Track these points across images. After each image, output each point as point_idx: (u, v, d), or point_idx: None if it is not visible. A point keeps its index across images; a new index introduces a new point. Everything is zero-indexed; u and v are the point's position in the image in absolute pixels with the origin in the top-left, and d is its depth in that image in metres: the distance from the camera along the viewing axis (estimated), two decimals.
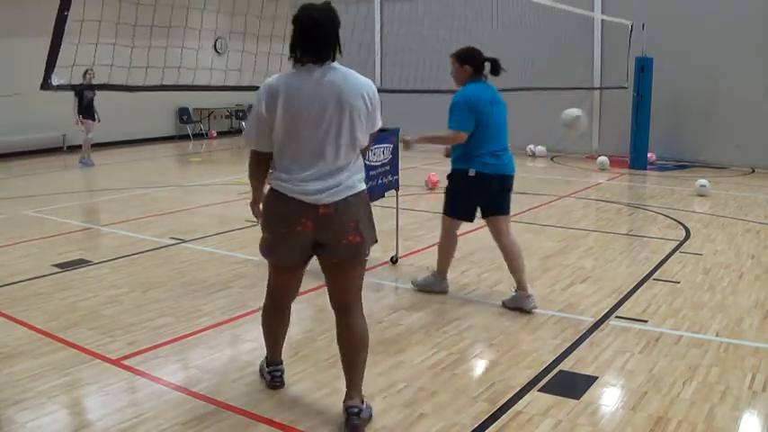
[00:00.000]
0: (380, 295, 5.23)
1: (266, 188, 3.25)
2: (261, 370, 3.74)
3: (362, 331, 3.26)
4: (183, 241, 6.87)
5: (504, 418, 3.33)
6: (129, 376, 3.79)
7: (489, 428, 3.24)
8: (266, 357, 3.69)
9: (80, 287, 5.38)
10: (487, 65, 4.86)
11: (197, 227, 7.50)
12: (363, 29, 14.19)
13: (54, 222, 7.79)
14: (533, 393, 3.58)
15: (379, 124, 3.24)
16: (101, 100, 12.72)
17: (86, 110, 12.70)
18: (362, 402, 3.23)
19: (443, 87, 9.94)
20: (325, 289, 3.32)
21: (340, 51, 3.10)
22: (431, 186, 9.90)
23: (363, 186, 3.21)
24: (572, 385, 3.69)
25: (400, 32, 9.60)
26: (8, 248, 6.61)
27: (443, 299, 5.09)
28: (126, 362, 3.96)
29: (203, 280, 5.55)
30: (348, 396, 3.24)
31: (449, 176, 4.97)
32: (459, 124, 4.72)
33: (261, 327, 3.62)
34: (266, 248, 3.26)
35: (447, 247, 5.14)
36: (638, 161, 12.25)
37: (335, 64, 3.09)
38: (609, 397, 3.57)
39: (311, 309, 4.81)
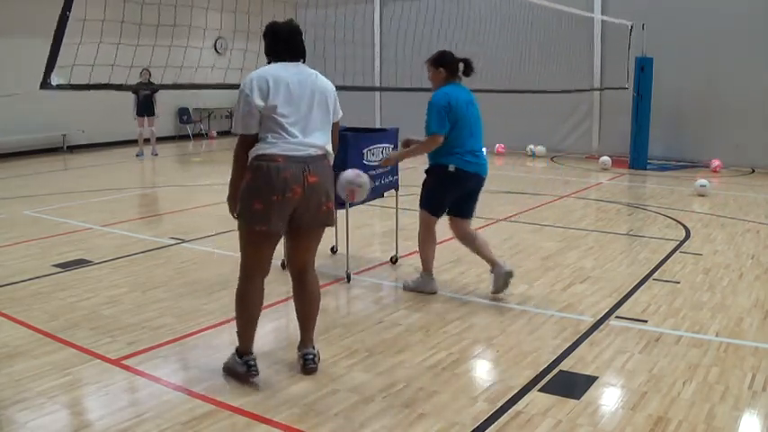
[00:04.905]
0: (380, 295, 5.21)
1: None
2: (231, 366, 3.71)
3: (317, 287, 3.76)
4: (183, 241, 6.87)
5: (504, 418, 3.33)
6: (129, 376, 3.79)
7: (489, 428, 3.24)
8: (237, 349, 3.69)
9: (80, 287, 5.38)
10: (461, 65, 4.93)
11: (197, 227, 7.50)
12: (362, 26, 14.22)
13: (54, 222, 7.79)
14: (533, 393, 3.58)
15: (340, 114, 3.75)
16: (101, 100, 12.71)
17: (144, 107, 13.34)
18: (314, 348, 3.78)
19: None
20: (326, 289, 3.32)
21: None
22: None
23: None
24: (572, 385, 3.69)
25: (400, 31, 9.58)
26: (8, 248, 6.62)
27: (443, 299, 5.09)
28: (126, 362, 3.96)
29: (204, 280, 5.55)
30: (303, 345, 3.78)
31: (427, 171, 5.02)
32: (437, 127, 4.78)
33: (236, 317, 3.66)
34: (257, 218, 3.43)
35: (427, 241, 5.12)
36: (637, 161, 12.26)
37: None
38: (609, 397, 3.57)
39: None
